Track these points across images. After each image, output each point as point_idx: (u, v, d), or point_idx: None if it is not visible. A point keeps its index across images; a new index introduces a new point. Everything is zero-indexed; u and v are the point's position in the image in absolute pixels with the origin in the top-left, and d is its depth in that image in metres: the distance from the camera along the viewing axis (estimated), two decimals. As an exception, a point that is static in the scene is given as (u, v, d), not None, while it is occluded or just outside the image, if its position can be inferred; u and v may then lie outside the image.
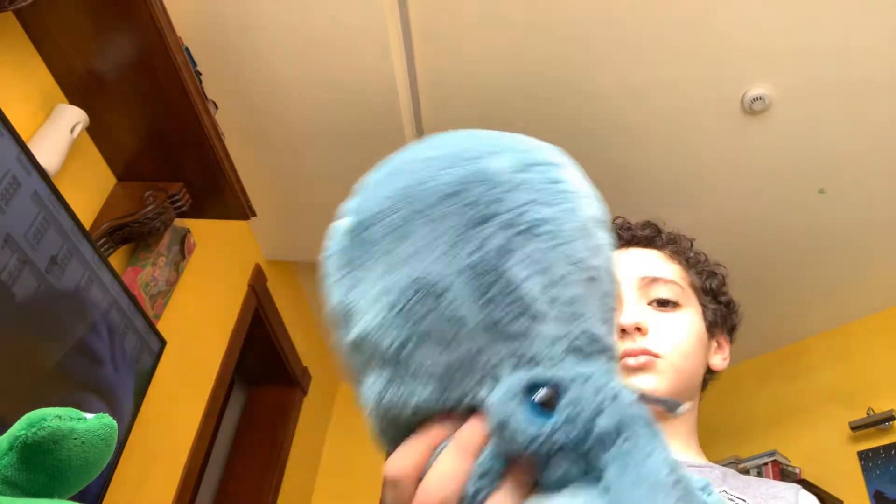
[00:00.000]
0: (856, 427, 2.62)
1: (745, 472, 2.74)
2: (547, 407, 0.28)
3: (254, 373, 2.78)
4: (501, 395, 0.29)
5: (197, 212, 1.58)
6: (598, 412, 0.28)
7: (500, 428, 0.29)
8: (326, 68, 1.67)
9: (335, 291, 0.38)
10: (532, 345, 0.31)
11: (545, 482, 0.29)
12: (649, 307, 0.69)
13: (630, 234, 0.77)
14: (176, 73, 1.29)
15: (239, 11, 1.55)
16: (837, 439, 2.73)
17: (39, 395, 1.03)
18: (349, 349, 0.35)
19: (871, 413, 2.62)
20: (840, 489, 2.59)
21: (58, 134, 1.23)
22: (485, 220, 0.32)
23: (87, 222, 1.38)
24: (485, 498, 0.30)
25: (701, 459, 0.69)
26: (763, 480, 0.69)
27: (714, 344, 0.75)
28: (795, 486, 0.66)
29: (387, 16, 1.56)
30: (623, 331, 0.66)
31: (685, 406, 0.34)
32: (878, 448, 2.58)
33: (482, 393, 0.31)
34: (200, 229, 1.84)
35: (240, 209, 1.59)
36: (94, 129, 1.38)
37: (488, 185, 0.32)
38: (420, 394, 0.32)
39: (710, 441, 3.70)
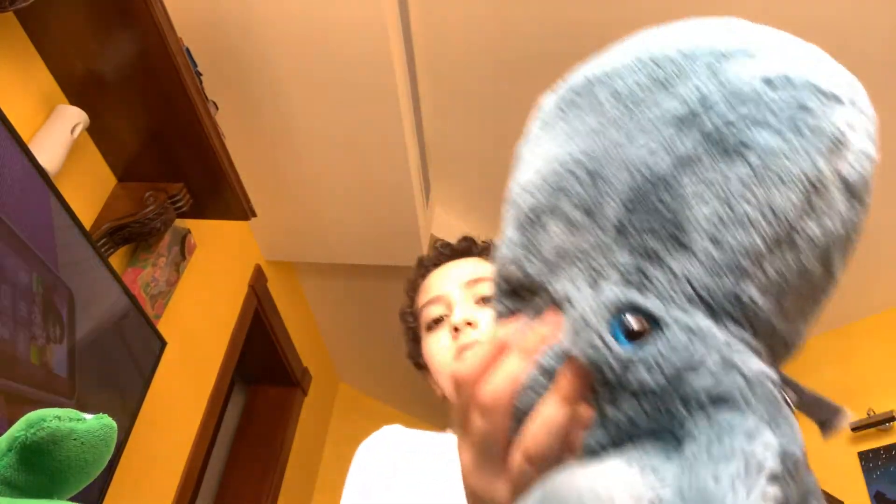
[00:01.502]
0: (856, 428, 2.62)
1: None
2: (632, 338, 0.24)
3: (254, 373, 2.78)
4: (590, 297, 0.26)
5: (197, 212, 1.58)
6: (692, 368, 0.23)
7: (575, 331, 0.26)
8: (327, 69, 1.67)
9: (523, 141, 0.35)
10: (659, 272, 0.26)
11: (605, 419, 0.25)
12: (476, 306, 0.76)
13: (449, 250, 0.85)
14: (176, 74, 1.29)
15: (240, 12, 1.55)
16: (837, 440, 2.73)
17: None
18: (505, 197, 0.34)
19: (872, 414, 2.62)
20: (840, 490, 2.58)
21: (58, 134, 1.23)
22: (685, 120, 0.27)
23: (87, 223, 1.38)
24: (535, 399, 0.28)
25: None
26: None
27: None
28: None
29: (387, 19, 1.56)
30: (455, 329, 0.72)
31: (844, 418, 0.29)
32: (878, 449, 2.58)
33: (573, 290, 0.28)
34: (201, 230, 1.84)
35: (240, 210, 1.59)
36: (94, 130, 1.38)
37: (711, 85, 0.27)
38: (528, 264, 0.30)
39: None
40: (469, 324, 0.72)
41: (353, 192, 2.05)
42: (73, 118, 1.27)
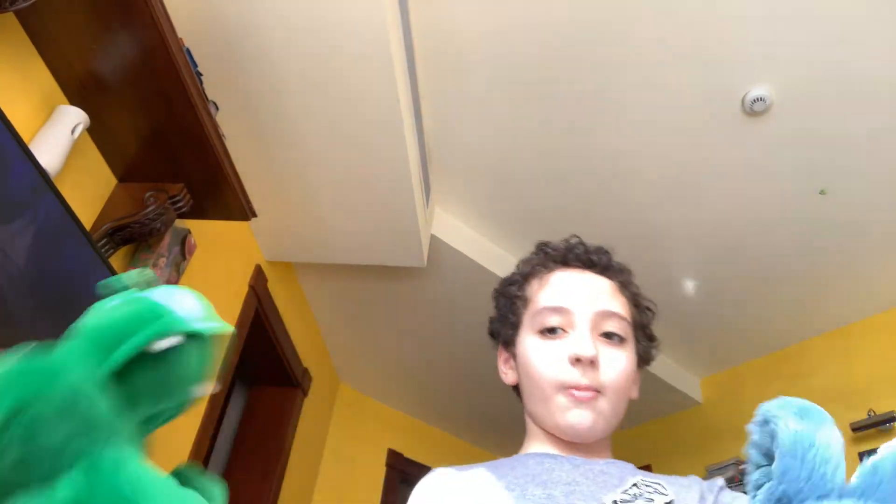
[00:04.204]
0: (857, 428, 2.61)
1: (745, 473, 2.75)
2: None
3: (254, 373, 2.78)
4: None
5: (198, 212, 1.58)
6: None
7: None
8: (327, 68, 1.67)
9: None
10: None
11: None
12: (598, 338, 0.73)
13: (587, 257, 0.80)
14: (177, 74, 1.29)
15: (240, 12, 1.55)
16: (838, 440, 2.72)
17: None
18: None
19: (872, 414, 2.61)
20: (841, 490, 2.58)
21: (58, 135, 1.23)
22: None
23: (87, 223, 1.38)
24: None
25: (615, 459, 0.74)
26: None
27: (636, 376, 0.79)
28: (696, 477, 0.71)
29: (387, 19, 1.56)
30: (578, 360, 0.70)
31: None
32: (879, 449, 2.57)
33: None
34: (201, 230, 1.84)
35: (240, 210, 1.59)
36: (94, 130, 1.38)
37: None
38: None
39: (712, 442, 3.68)
40: (592, 362, 0.70)
41: (354, 192, 2.05)
42: (73, 118, 1.27)
